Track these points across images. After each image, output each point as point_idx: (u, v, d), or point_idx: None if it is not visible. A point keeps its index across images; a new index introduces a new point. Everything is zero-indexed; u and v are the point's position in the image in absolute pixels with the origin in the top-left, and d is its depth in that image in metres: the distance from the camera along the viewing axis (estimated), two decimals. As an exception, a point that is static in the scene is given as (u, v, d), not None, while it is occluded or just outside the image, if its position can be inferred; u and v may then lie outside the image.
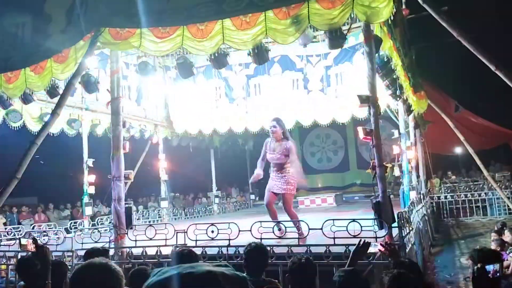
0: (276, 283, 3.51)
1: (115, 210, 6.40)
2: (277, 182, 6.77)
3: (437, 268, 7.95)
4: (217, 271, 1.23)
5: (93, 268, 1.65)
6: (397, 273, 2.69)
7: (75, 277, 1.67)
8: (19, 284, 4.11)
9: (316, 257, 4.50)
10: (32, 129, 8.92)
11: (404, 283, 2.66)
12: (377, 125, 5.69)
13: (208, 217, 13.35)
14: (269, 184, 6.88)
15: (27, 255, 3.62)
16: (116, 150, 6.57)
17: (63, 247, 6.37)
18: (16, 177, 5.96)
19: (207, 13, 5.84)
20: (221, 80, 11.40)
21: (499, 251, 5.41)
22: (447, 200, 13.89)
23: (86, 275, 1.64)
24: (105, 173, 6.96)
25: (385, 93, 7.71)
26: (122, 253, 5.99)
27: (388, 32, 6.55)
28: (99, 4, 6.37)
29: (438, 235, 11.44)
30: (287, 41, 5.92)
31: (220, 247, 5.37)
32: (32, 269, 2.98)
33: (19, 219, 12.71)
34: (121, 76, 6.98)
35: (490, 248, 5.40)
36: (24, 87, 7.24)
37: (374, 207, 5.50)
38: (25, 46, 7.04)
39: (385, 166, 5.73)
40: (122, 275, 1.68)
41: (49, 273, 2.49)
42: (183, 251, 3.65)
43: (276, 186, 6.75)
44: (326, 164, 18.08)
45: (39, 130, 6.75)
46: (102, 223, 10.01)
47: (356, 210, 10.95)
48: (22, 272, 3.53)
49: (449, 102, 16.31)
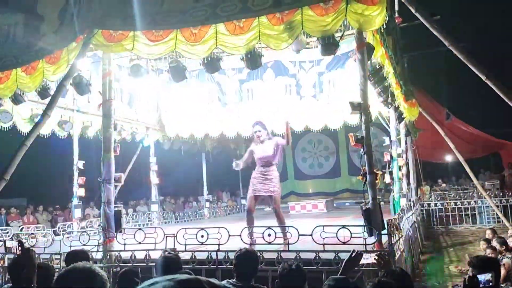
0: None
1: (104, 213, 6.35)
2: (264, 185, 6.79)
3: (426, 275, 7.98)
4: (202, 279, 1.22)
5: (76, 272, 1.63)
6: (377, 281, 2.67)
7: (59, 281, 1.66)
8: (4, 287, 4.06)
9: (306, 263, 4.50)
10: (22, 130, 8.83)
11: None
12: (368, 132, 5.71)
13: (198, 222, 13.30)
14: (254, 187, 6.85)
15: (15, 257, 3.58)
16: (107, 152, 6.54)
17: (51, 249, 6.30)
18: (4, 179, 5.90)
19: (200, 17, 5.85)
20: (214, 84, 11.38)
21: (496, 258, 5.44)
22: (437, 208, 13.95)
23: (70, 279, 1.62)
24: (96, 175, 6.92)
25: (376, 100, 7.75)
26: (111, 257, 5.94)
27: (381, 40, 6.59)
28: (92, 5, 6.36)
29: (428, 243, 11.48)
30: (280, 47, 5.94)
31: (209, 252, 5.35)
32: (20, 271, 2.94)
33: (7, 220, 12.57)
34: (113, 79, 6.96)
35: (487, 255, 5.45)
36: (15, 88, 7.19)
37: (364, 214, 5.52)
38: (17, 47, 6.99)
39: (375, 173, 5.74)
40: (107, 279, 1.67)
41: (34, 276, 2.45)
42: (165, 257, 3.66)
43: (264, 189, 6.76)
44: (318, 170, 18.11)
45: (29, 131, 6.70)
46: (92, 225, 9.93)
47: (346, 216, 10.97)
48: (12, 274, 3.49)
49: (440, 110, 16.44)
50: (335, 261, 4.73)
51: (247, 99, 11.32)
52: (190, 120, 11.94)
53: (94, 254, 5.84)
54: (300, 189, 18.12)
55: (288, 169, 18.42)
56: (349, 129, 9.74)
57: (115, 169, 6.68)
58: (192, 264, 5.24)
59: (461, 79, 11.55)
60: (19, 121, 8.90)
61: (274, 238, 5.32)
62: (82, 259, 3.59)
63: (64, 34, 6.51)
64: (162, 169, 12.65)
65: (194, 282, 1.20)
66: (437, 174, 17.90)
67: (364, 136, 5.69)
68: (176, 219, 13.28)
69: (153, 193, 12.31)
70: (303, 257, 4.93)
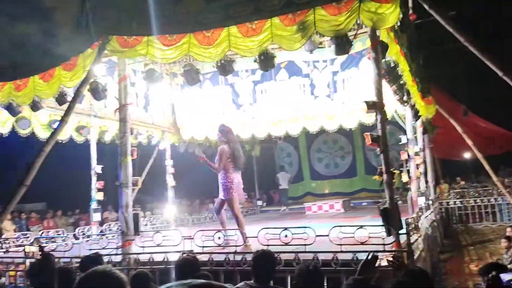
0: (283, 291, 3.50)
1: (123, 217, 6.42)
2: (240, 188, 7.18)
3: (446, 274, 7.88)
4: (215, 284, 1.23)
5: (97, 276, 1.65)
6: (397, 282, 2.65)
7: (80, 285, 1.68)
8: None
9: (324, 264, 4.49)
10: (41, 136, 8.98)
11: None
12: (384, 131, 5.67)
13: (215, 223, 13.33)
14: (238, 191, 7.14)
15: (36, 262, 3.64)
16: (124, 156, 6.61)
17: (71, 253, 6.39)
18: (25, 184, 6.00)
19: (213, 20, 5.88)
20: (227, 87, 11.42)
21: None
22: (456, 206, 13.76)
23: (91, 283, 1.64)
24: (113, 179, 7.00)
25: (392, 98, 7.69)
26: (130, 260, 6.00)
27: (395, 38, 6.54)
28: (106, 12, 6.44)
29: (447, 241, 11.33)
30: (293, 48, 5.93)
31: (227, 254, 5.37)
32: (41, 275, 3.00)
33: (28, 225, 12.79)
34: (128, 83, 7.03)
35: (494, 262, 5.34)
36: (33, 95, 7.32)
37: (381, 214, 5.48)
38: (34, 54, 7.10)
39: (392, 172, 5.69)
40: (126, 282, 1.69)
41: (55, 280, 2.50)
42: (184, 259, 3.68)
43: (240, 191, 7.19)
44: (334, 170, 17.99)
45: (48, 137, 6.81)
46: (110, 229, 10.04)
47: (364, 216, 10.88)
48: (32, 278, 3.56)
49: (457, 107, 16.20)
50: (354, 262, 4.70)
51: (261, 100, 11.33)
52: (205, 123, 11.99)
53: (113, 257, 5.92)
54: (317, 189, 18.03)
55: (304, 169, 18.36)
56: (365, 128, 9.67)
57: (132, 172, 6.76)
58: (210, 266, 5.25)
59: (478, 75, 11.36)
60: (37, 128, 9.05)
61: (291, 239, 5.31)
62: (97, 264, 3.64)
63: (79, 41, 6.60)
64: (178, 171, 12.73)
65: (207, 286, 1.20)
66: (455, 172, 17.65)
67: (380, 135, 5.65)
68: (192, 221, 13.34)
69: (170, 195, 12.40)
70: (321, 258, 4.91)
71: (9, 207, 6.02)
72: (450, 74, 16.42)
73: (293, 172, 18.21)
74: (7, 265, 6.71)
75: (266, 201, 18.29)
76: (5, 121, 8.53)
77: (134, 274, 3.71)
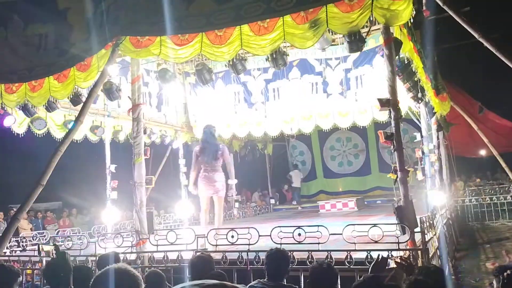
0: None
1: (137, 215, 6.48)
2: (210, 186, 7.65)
3: (461, 273, 7.79)
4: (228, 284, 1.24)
5: (113, 274, 1.68)
6: (413, 280, 2.64)
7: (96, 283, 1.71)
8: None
9: (337, 262, 4.47)
10: (56, 136, 9.09)
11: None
12: (398, 128, 5.62)
13: (228, 222, 13.38)
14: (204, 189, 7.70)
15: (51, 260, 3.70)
16: (138, 156, 6.67)
17: (87, 251, 6.47)
18: (41, 184, 6.09)
19: (225, 19, 5.88)
20: (239, 85, 11.43)
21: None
22: (472, 204, 13.61)
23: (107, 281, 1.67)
24: (127, 178, 7.07)
25: (406, 95, 7.62)
26: (144, 258, 6.06)
27: (408, 34, 6.48)
28: (119, 13, 6.49)
29: (463, 239, 11.21)
30: (305, 46, 5.91)
31: (240, 252, 5.38)
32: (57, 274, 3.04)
33: (44, 224, 12.98)
34: (141, 83, 7.08)
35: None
36: (48, 96, 7.41)
37: (396, 212, 5.44)
38: (49, 55, 7.19)
39: (407, 170, 5.65)
40: (141, 279, 1.72)
41: (71, 277, 2.55)
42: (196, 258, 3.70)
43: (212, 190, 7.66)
44: (347, 168, 17.90)
45: (63, 137, 6.90)
46: (125, 227, 10.13)
47: (378, 215, 10.81)
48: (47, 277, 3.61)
49: (472, 103, 15.99)
50: (368, 260, 4.67)
51: (273, 98, 11.31)
52: (217, 122, 12.00)
53: (128, 255, 5.98)
54: (330, 187, 17.96)
55: (317, 167, 18.30)
56: (379, 126, 9.61)
57: (146, 171, 6.82)
58: (224, 264, 5.27)
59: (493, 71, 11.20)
60: (52, 128, 9.16)
61: (304, 237, 5.30)
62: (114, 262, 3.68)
63: (93, 42, 6.67)
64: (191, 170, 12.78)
65: (220, 286, 1.22)
66: (471, 169, 17.45)
67: (394, 133, 5.61)
68: (206, 220, 13.37)
69: (183, 194, 12.47)
70: (335, 257, 4.89)
71: (26, 206, 6.11)
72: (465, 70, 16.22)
73: (306, 170, 18.16)
74: (24, 264, 6.81)
75: (279, 200, 18.29)
76: (22, 121, 8.66)
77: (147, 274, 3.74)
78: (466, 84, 16.30)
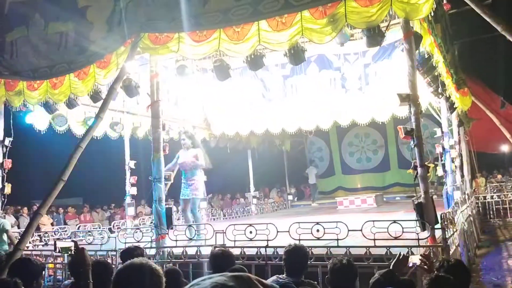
0: (315, 285, 3.49)
1: (156, 211, 6.54)
2: (187, 189, 8.16)
3: (483, 270, 7.67)
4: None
5: (134, 268, 1.70)
6: (435, 276, 2.62)
7: (118, 276, 1.73)
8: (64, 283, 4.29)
9: (356, 259, 4.44)
10: (77, 132, 9.23)
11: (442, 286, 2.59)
12: (418, 124, 5.55)
13: (246, 218, 13.42)
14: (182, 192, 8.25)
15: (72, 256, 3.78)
16: (157, 152, 6.72)
17: (107, 246, 6.57)
18: (62, 179, 6.18)
19: (243, 15, 5.87)
20: (257, 81, 11.40)
21: None
22: (493, 200, 13.35)
23: (128, 274, 1.69)
24: (146, 174, 7.14)
25: (426, 90, 7.51)
26: (163, 253, 6.12)
27: (429, 28, 6.37)
28: (138, 10, 6.54)
29: (484, 236, 11.03)
30: (323, 41, 5.86)
31: (258, 248, 5.39)
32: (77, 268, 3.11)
33: (65, 219, 13.22)
34: (160, 80, 7.13)
35: None
36: (69, 93, 7.52)
37: (416, 208, 5.37)
38: (69, 53, 7.29)
39: (427, 166, 5.57)
40: (162, 274, 1.74)
41: (89, 273, 2.62)
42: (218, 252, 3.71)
43: (186, 193, 8.14)
44: (366, 164, 17.77)
45: (84, 133, 7.00)
46: (144, 223, 10.25)
47: (397, 211, 10.71)
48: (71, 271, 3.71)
49: (494, 98, 15.68)
50: (387, 257, 4.64)
51: (291, 94, 11.27)
52: (235, 118, 12.05)
53: (148, 250, 6.04)
54: (348, 183, 17.85)
55: (335, 164, 18.21)
56: (398, 121, 9.50)
57: (165, 167, 6.87)
58: (242, 260, 5.29)
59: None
60: (73, 124, 9.30)
61: (323, 233, 5.28)
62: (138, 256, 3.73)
63: (113, 39, 6.74)
64: (208, 166, 12.84)
65: (245, 278, 1.25)
66: (492, 165, 17.13)
67: (414, 128, 5.54)
68: (224, 216, 13.46)
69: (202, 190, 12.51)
70: (354, 253, 4.87)
71: (48, 201, 6.21)
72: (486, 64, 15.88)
73: (324, 167, 18.09)
74: (46, 258, 6.95)
75: (297, 196, 18.27)
76: (43, 118, 8.81)
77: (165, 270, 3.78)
78: (488, 78, 15.96)
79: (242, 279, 1.25)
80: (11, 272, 3.36)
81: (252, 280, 1.27)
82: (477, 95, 12.16)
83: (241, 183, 17.20)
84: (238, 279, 1.25)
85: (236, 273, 1.27)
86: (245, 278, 1.26)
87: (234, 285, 1.21)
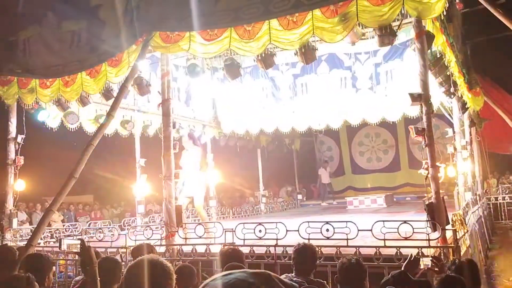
0: (324, 284, 3.49)
1: (166, 209, 6.57)
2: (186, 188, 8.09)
3: (494, 272, 7.60)
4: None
5: (145, 264, 1.72)
6: (445, 276, 2.61)
7: (129, 273, 1.75)
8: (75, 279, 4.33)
9: (366, 259, 4.42)
10: (88, 130, 9.31)
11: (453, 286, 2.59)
12: (429, 124, 5.51)
13: (255, 217, 13.43)
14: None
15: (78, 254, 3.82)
16: (167, 150, 6.75)
17: (117, 243, 6.61)
18: (74, 177, 6.24)
19: (254, 14, 5.88)
20: (267, 80, 11.41)
21: None
22: (505, 202, 13.21)
23: (139, 271, 1.71)
24: (157, 172, 7.17)
25: (438, 90, 7.45)
26: (173, 251, 6.15)
27: (441, 27, 6.33)
28: (150, 9, 6.58)
29: (496, 238, 10.92)
30: (334, 40, 5.84)
31: (268, 247, 5.39)
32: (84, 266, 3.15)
33: (76, 216, 13.34)
34: (171, 78, 7.16)
35: None
36: (81, 90, 7.59)
37: (426, 209, 5.34)
38: (81, 51, 7.36)
39: (438, 166, 5.53)
40: (173, 270, 1.75)
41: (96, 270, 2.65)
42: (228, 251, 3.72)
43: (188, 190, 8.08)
44: (376, 164, 17.68)
45: (95, 131, 7.05)
46: (154, 220, 10.30)
47: (408, 211, 10.64)
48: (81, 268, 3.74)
49: (507, 98, 15.49)
50: (397, 257, 4.61)
51: (301, 93, 11.25)
52: (245, 117, 12.05)
53: (157, 248, 6.07)
54: (358, 183, 17.78)
55: (345, 163, 18.15)
56: (409, 121, 9.44)
57: (175, 165, 6.90)
58: (251, 259, 5.30)
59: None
60: (85, 122, 9.38)
61: (333, 233, 5.26)
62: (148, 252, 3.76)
63: (124, 38, 6.79)
64: (218, 165, 12.89)
65: (266, 275, 1.29)
66: (504, 166, 16.93)
67: (426, 128, 5.50)
68: (233, 214, 13.48)
69: (211, 188, 12.57)
70: (363, 253, 4.85)
71: (59, 198, 6.27)
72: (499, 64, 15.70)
73: (334, 166, 18.03)
74: (57, 254, 7.02)
75: (306, 195, 18.23)
76: (55, 116, 8.91)
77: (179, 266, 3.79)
78: (501, 79, 15.79)
79: (263, 276, 1.29)
80: (22, 267, 3.41)
81: (272, 278, 1.30)
82: (490, 95, 12.04)
83: (250, 181, 17.21)
84: (259, 276, 1.28)
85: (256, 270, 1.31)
86: (266, 276, 1.29)
87: (255, 281, 1.25)
